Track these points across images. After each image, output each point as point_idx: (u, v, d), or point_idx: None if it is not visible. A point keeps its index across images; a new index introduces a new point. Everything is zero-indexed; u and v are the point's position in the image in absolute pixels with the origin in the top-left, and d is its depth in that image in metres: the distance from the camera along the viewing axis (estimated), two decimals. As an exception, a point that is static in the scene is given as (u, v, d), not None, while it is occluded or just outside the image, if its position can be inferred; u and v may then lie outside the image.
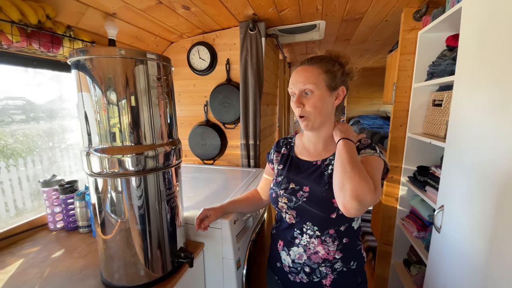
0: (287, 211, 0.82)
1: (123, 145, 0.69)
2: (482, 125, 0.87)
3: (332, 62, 0.77)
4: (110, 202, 0.71)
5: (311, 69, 0.75)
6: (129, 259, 0.74)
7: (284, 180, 0.84)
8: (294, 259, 0.82)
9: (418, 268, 1.51)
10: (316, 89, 0.74)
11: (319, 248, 0.77)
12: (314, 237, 0.77)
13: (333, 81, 0.76)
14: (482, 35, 0.89)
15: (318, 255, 0.78)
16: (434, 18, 1.31)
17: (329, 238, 0.77)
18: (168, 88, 0.76)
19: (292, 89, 0.77)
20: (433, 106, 1.37)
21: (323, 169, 0.79)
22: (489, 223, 0.83)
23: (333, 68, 0.76)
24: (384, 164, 0.75)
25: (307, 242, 0.79)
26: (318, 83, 0.74)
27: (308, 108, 0.74)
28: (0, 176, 1.17)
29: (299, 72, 0.77)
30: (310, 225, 0.78)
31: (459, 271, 0.97)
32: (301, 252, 0.80)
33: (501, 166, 0.78)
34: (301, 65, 0.78)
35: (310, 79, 0.74)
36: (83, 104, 0.67)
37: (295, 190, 0.80)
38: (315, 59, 0.78)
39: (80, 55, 0.64)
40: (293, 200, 0.79)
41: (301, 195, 0.78)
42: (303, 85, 0.74)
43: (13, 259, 0.91)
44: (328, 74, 0.75)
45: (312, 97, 0.74)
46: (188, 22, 1.54)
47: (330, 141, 0.81)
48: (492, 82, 0.83)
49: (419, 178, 1.43)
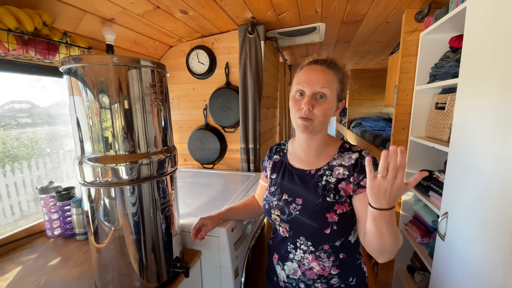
0: (280, 224, 0.78)
1: (116, 154, 0.67)
2: (487, 129, 0.84)
3: (343, 73, 0.74)
4: (103, 211, 0.70)
5: (330, 74, 0.71)
6: (123, 269, 0.73)
7: (277, 191, 0.80)
8: (288, 274, 0.78)
9: (422, 275, 1.47)
10: (330, 96, 0.70)
11: (314, 264, 0.74)
12: (308, 252, 0.74)
13: (343, 92, 0.74)
14: (487, 36, 0.86)
15: (313, 271, 0.74)
16: (436, 18, 1.29)
17: (324, 254, 0.73)
18: (163, 95, 0.75)
19: (305, 87, 0.71)
20: (436, 109, 1.34)
21: (317, 179, 0.75)
22: (495, 231, 0.80)
23: (344, 80, 0.74)
24: None
25: (301, 257, 0.75)
26: (333, 90, 0.71)
27: (317, 112, 0.69)
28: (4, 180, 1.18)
29: (317, 72, 0.71)
30: (304, 240, 0.74)
31: (464, 282, 0.94)
32: (296, 268, 0.76)
33: (506, 171, 0.75)
34: (319, 65, 0.72)
35: (329, 84, 0.70)
36: (75, 111, 0.66)
37: (288, 201, 0.76)
38: (333, 64, 0.73)
39: (72, 63, 0.63)
40: (286, 213, 0.76)
41: (294, 208, 0.75)
42: (320, 87, 0.69)
43: (12, 266, 0.92)
44: (340, 84, 0.73)
45: (325, 102, 0.70)
46: (187, 26, 1.53)
47: (322, 149, 0.78)
48: (498, 84, 0.80)
49: (422, 183, 1.40)
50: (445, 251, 1.06)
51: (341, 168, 0.73)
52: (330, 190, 0.72)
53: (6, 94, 1.18)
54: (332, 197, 0.71)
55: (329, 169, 0.74)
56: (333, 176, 0.73)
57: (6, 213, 1.16)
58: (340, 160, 0.74)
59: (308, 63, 0.75)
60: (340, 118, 5.18)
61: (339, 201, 0.71)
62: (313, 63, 0.74)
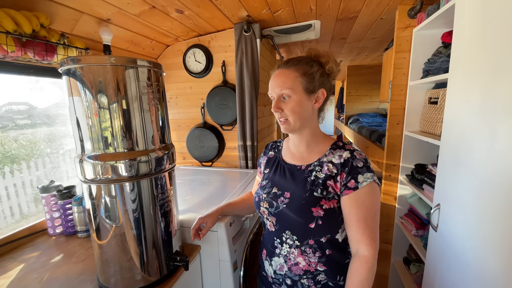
0: (267, 217, 0.80)
1: (115, 152, 0.70)
2: (475, 122, 0.87)
3: (311, 63, 0.74)
4: (104, 207, 0.72)
5: (288, 73, 0.73)
6: (124, 263, 0.75)
7: (268, 184, 0.82)
8: (275, 270, 0.80)
9: (418, 267, 1.51)
10: (293, 93, 0.72)
11: (300, 259, 0.74)
12: (294, 247, 0.75)
13: (311, 84, 0.73)
14: (475, 32, 0.88)
15: (298, 266, 0.75)
16: (428, 15, 1.31)
17: (309, 249, 0.73)
18: (159, 94, 0.77)
19: (271, 93, 0.76)
20: (429, 104, 1.36)
21: (307, 174, 0.75)
22: (483, 221, 0.83)
23: (311, 70, 0.73)
24: (379, 187, 0.74)
25: (287, 252, 0.76)
26: (295, 87, 0.72)
27: (287, 112, 0.73)
28: (4, 181, 1.19)
29: (276, 77, 0.75)
30: (290, 234, 0.75)
31: (456, 270, 0.97)
32: (282, 263, 0.78)
33: (494, 164, 0.78)
34: (278, 69, 0.76)
35: (286, 83, 0.72)
36: (75, 111, 0.68)
37: (277, 195, 0.78)
38: (292, 61, 0.75)
39: (71, 64, 0.65)
40: (273, 205, 0.77)
41: (282, 201, 0.76)
42: (280, 90, 0.73)
43: (14, 264, 0.93)
44: (305, 77, 0.72)
45: (290, 101, 0.73)
46: (183, 25, 1.54)
47: (313, 144, 0.79)
48: (486, 79, 0.82)
49: (417, 177, 1.42)
50: (437, 241, 1.09)
51: (330, 165, 0.73)
52: (318, 185, 0.72)
53: (3, 96, 1.19)
54: (319, 192, 0.72)
55: (319, 165, 0.75)
56: (322, 172, 0.73)
57: (6, 215, 1.18)
58: (331, 157, 0.74)
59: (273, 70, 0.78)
60: (338, 115, 5.20)
61: (327, 196, 0.71)
62: (276, 69, 0.77)
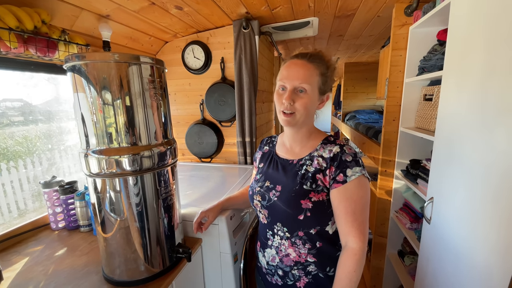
0: (260, 210, 0.82)
1: (119, 146, 0.71)
2: (467, 118, 0.90)
3: (326, 66, 0.75)
4: (109, 201, 0.74)
5: (310, 68, 0.72)
6: (129, 255, 0.78)
7: (261, 178, 0.84)
8: (268, 261, 0.82)
9: (412, 259, 1.55)
10: (310, 90, 0.72)
11: (290, 251, 0.77)
12: (285, 238, 0.77)
13: (324, 86, 0.75)
14: (469, 30, 0.91)
15: (289, 257, 0.77)
16: (425, 13, 1.33)
17: (299, 240, 0.75)
18: (162, 90, 0.79)
19: (285, 83, 0.73)
20: (424, 101, 1.39)
21: (297, 168, 0.77)
22: (474, 213, 0.87)
23: (327, 72, 0.75)
24: (368, 182, 0.73)
25: (278, 243, 0.79)
26: (313, 84, 0.72)
27: (298, 105, 0.72)
28: (1, 178, 1.20)
29: (297, 67, 0.72)
30: (280, 226, 0.77)
31: (447, 261, 1.01)
32: (274, 254, 0.80)
33: (486, 159, 0.81)
34: (300, 59, 0.74)
35: (308, 78, 0.71)
36: (80, 107, 0.70)
37: (269, 188, 0.79)
38: (315, 57, 0.74)
39: (76, 60, 0.66)
40: (266, 198, 0.79)
41: (273, 194, 0.78)
42: (300, 82, 0.71)
43: (19, 258, 0.95)
44: (322, 77, 0.73)
45: (305, 96, 0.72)
46: (182, 21, 1.55)
47: (306, 140, 0.80)
48: (478, 76, 0.85)
49: (411, 171, 1.46)
50: (430, 233, 1.13)
51: (320, 159, 0.74)
52: (307, 178, 0.74)
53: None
54: (309, 185, 0.73)
55: (310, 159, 0.76)
56: (312, 166, 0.75)
57: (3, 212, 1.18)
58: (322, 151, 0.75)
59: (291, 57, 0.77)
60: (335, 112, 5.24)
61: (316, 189, 0.73)
62: (294, 57, 0.76)
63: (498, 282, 0.75)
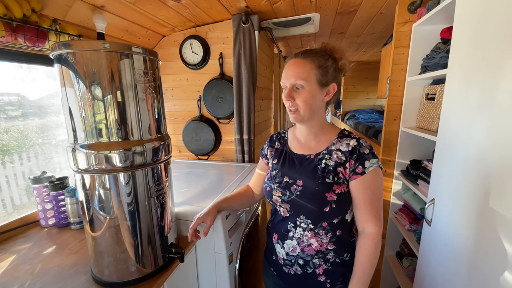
0: (281, 204, 0.83)
1: (110, 141, 0.68)
2: (472, 118, 0.87)
3: (326, 57, 0.76)
4: (98, 198, 0.71)
5: (304, 64, 0.75)
6: (119, 255, 0.74)
7: (278, 174, 0.85)
8: (288, 252, 0.83)
9: (410, 261, 1.53)
10: (307, 85, 0.74)
11: (313, 241, 0.79)
12: (308, 230, 0.79)
13: (325, 77, 0.75)
14: (475, 28, 0.88)
15: (311, 247, 0.79)
16: (429, 10, 1.30)
17: (322, 231, 0.78)
18: (155, 83, 0.75)
19: (284, 82, 0.78)
20: (426, 100, 1.36)
21: (317, 163, 0.79)
22: (475, 216, 0.84)
23: (326, 64, 0.76)
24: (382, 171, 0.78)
25: (300, 235, 0.80)
26: (309, 78, 0.74)
27: (299, 102, 0.76)
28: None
29: (292, 66, 0.76)
30: (304, 218, 0.79)
31: (448, 263, 0.98)
32: (295, 245, 0.81)
33: (491, 160, 0.78)
34: (295, 58, 0.78)
35: (302, 74, 0.74)
36: (67, 99, 0.66)
37: (289, 184, 0.81)
38: (309, 52, 0.77)
39: (63, 48, 0.62)
40: (287, 194, 0.80)
41: (295, 189, 0.79)
42: (294, 80, 0.75)
43: (5, 255, 0.92)
44: (320, 70, 0.75)
45: (303, 92, 0.75)
46: (180, 15, 1.51)
47: (321, 134, 0.83)
48: (484, 75, 0.82)
49: (412, 172, 1.44)
50: (431, 236, 1.11)
51: (339, 153, 0.77)
52: (329, 172, 0.77)
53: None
54: (331, 178, 0.76)
55: (328, 153, 0.79)
56: (332, 159, 0.78)
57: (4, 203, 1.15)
58: (339, 145, 0.79)
59: (289, 59, 0.80)
60: (334, 111, 5.21)
61: (338, 182, 0.76)
62: (292, 57, 0.79)
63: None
